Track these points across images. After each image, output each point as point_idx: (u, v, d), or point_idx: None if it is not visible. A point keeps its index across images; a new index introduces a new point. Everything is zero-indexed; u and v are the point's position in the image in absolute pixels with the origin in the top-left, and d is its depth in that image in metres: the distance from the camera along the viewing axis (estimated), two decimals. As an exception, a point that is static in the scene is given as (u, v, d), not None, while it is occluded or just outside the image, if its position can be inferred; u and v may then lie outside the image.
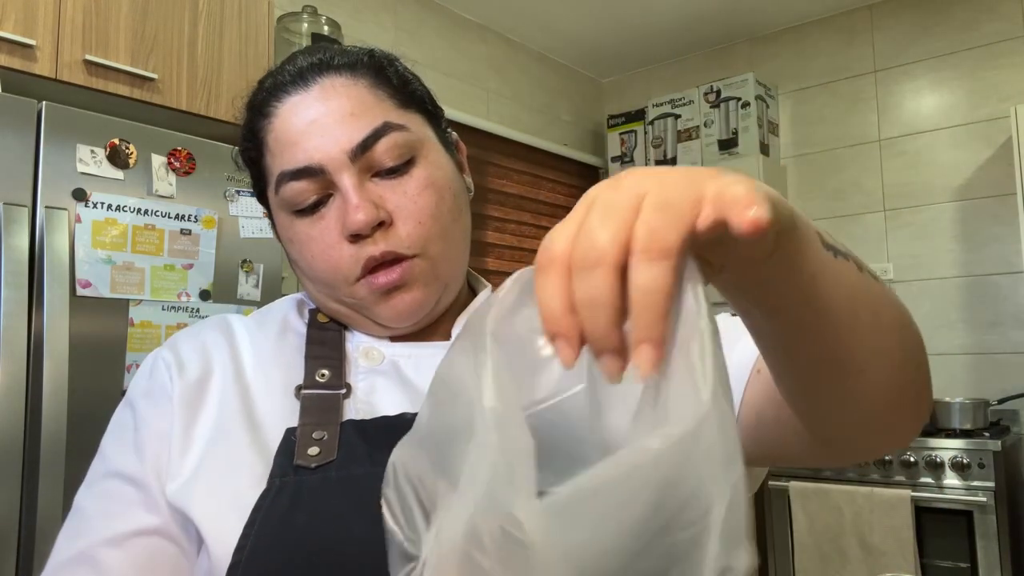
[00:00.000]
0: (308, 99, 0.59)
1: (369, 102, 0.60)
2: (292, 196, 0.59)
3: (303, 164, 0.58)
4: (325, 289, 0.62)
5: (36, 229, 1.44)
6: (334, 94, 0.59)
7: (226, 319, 0.66)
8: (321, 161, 0.58)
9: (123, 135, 1.59)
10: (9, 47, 1.55)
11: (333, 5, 2.78)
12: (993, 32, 3.10)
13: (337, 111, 0.59)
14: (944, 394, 3.00)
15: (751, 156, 3.39)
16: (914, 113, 3.28)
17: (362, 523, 0.50)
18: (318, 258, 0.60)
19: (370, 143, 0.58)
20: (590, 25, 3.60)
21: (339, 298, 0.61)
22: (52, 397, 1.40)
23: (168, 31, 1.82)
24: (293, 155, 0.59)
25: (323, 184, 0.59)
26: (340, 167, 0.58)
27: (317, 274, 0.61)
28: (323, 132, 0.58)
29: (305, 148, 0.58)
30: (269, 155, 0.61)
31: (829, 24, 3.52)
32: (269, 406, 0.58)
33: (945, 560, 2.55)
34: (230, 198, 1.77)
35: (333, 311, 0.64)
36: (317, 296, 0.64)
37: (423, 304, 0.60)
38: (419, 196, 0.59)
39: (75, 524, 0.55)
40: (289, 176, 0.59)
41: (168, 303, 1.62)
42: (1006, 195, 3.00)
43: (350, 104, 0.59)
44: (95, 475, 0.57)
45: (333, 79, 0.60)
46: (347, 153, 0.58)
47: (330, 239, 0.59)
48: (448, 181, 0.63)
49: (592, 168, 4.16)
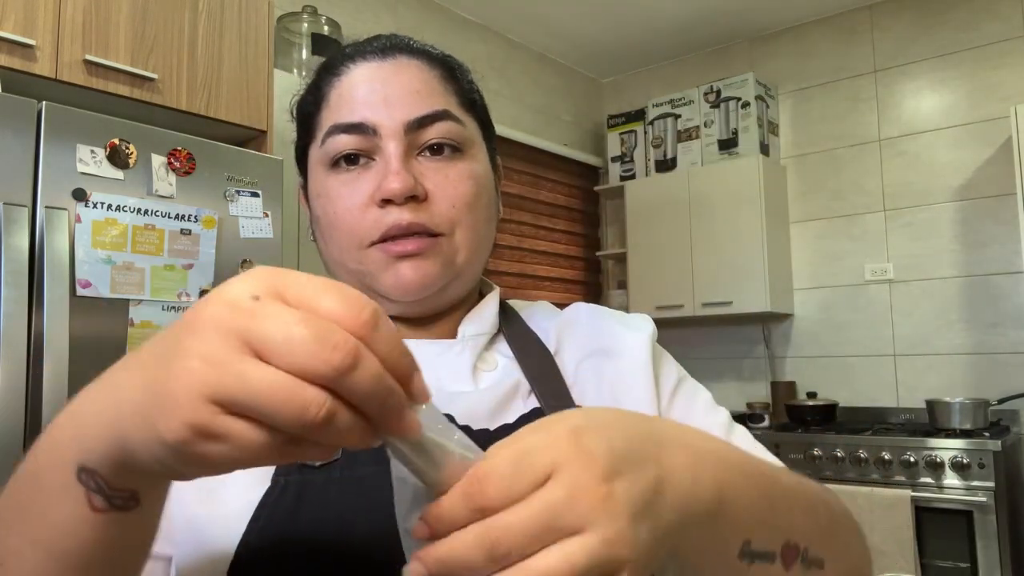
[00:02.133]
0: (381, 68, 0.61)
1: (436, 89, 0.62)
2: (336, 148, 0.60)
3: (358, 120, 0.59)
4: (337, 252, 0.62)
5: (36, 229, 1.44)
6: (406, 71, 0.61)
7: None
8: (376, 123, 0.59)
9: (123, 135, 1.59)
10: (9, 47, 1.55)
11: (333, 5, 2.78)
12: (993, 32, 3.10)
13: (405, 85, 0.60)
14: (944, 394, 3.00)
15: (751, 156, 3.39)
16: (914, 113, 3.28)
17: (367, 521, 0.50)
18: (340, 215, 0.60)
19: (426, 122, 0.59)
20: (590, 25, 3.60)
21: (347, 264, 0.61)
22: (52, 397, 1.40)
23: (168, 31, 1.82)
24: (351, 110, 0.60)
25: (370, 146, 0.59)
26: (392, 134, 0.59)
27: (335, 232, 0.61)
28: (386, 99, 0.59)
29: (364, 107, 0.59)
30: (327, 109, 0.62)
31: (829, 24, 3.52)
32: None
33: (945, 560, 2.55)
34: (230, 198, 1.77)
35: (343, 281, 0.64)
36: (328, 263, 0.65)
37: (430, 278, 0.59)
38: (459, 183, 0.60)
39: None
40: (340, 128, 0.60)
41: (168, 303, 1.62)
42: (1006, 195, 3.00)
43: (418, 84, 0.61)
44: None
45: (409, 59, 0.62)
46: (403, 124, 0.59)
47: (359, 199, 0.59)
48: (487, 185, 0.64)
49: (592, 168, 4.16)
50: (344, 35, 2.61)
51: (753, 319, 3.59)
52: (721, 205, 3.42)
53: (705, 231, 3.46)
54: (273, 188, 1.85)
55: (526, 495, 0.33)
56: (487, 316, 0.65)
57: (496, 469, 0.33)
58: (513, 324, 0.67)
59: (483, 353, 0.63)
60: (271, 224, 1.84)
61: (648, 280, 3.63)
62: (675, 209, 3.56)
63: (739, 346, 3.68)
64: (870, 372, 3.31)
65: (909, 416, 3.14)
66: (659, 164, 3.72)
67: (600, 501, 0.33)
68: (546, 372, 0.62)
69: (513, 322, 0.67)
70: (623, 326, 0.66)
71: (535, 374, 0.61)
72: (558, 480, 0.33)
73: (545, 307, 0.72)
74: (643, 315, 0.70)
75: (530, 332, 0.66)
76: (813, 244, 3.49)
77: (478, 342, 0.63)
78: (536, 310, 0.71)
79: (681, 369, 0.68)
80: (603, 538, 0.32)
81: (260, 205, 1.82)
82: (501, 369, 0.62)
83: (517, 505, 0.33)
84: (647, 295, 3.59)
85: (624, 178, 3.87)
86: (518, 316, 0.68)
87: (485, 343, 0.64)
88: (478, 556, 0.32)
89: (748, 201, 3.34)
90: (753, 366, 3.64)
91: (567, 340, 0.66)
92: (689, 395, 0.65)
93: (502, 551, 0.32)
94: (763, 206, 3.31)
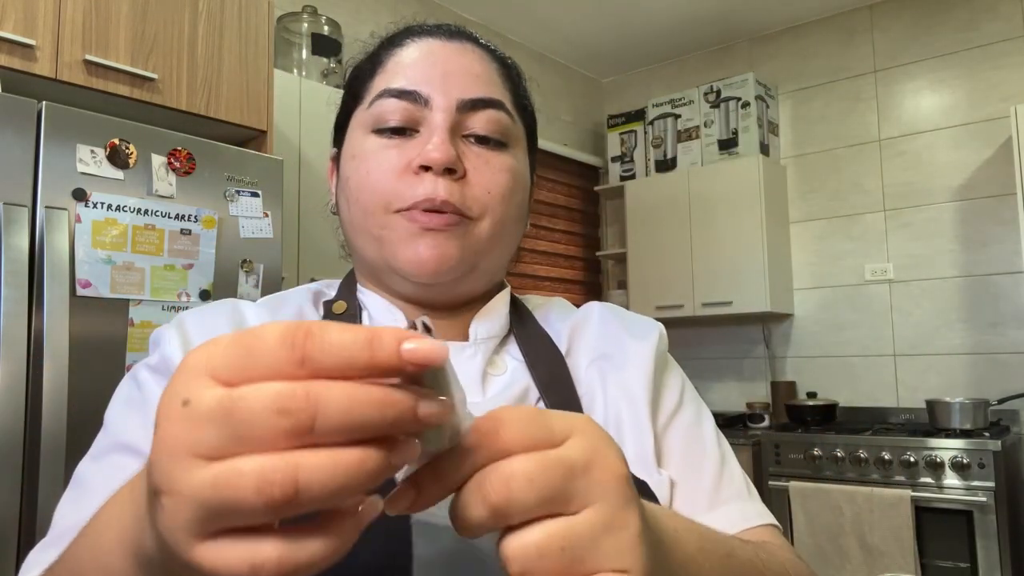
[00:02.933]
0: (445, 47, 0.61)
1: (495, 80, 0.62)
2: (383, 112, 0.59)
3: (412, 88, 0.58)
4: (360, 216, 0.59)
5: (36, 229, 1.44)
6: (469, 55, 0.61)
7: (237, 305, 0.63)
8: (430, 94, 0.58)
9: (123, 135, 1.59)
10: (9, 47, 1.55)
11: (333, 5, 2.78)
12: (993, 32, 3.10)
13: (466, 67, 0.60)
14: (944, 394, 3.00)
15: (751, 156, 3.39)
16: (914, 113, 3.28)
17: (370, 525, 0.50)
18: (373, 174, 0.58)
19: (479, 106, 0.59)
20: (590, 25, 3.60)
21: (370, 229, 0.59)
22: (52, 397, 1.40)
23: (168, 31, 1.82)
24: (407, 77, 0.59)
25: (417, 116, 0.58)
26: (442, 108, 0.58)
27: (363, 194, 0.59)
28: (444, 74, 0.59)
29: (421, 77, 0.59)
30: (382, 74, 0.61)
31: (829, 24, 3.52)
32: None
33: (945, 560, 2.55)
34: (230, 198, 1.77)
35: (358, 255, 0.63)
36: (349, 230, 0.63)
37: (448, 260, 0.57)
38: (499, 172, 0.60)
39: (77, 495, 0.54)
40: (392, 93, 0.59)
41: (168, 303, 1.62)
42: (1006, 195, 3.00)
43: (479, 69, 0.61)
44: (99, 448, 0.56)
45: (474, 47, 0.62)
46: (456, 101, 0.58)
47: (395, 163, 0.58)
48: (524, 184, 0.63)
49: (592, 168, 4.16)
50: (344, 35, 2.61)
51: (753, 319, 3.59)
52: (721, 205, 3.42)
53: (705, 231, 3.46)
54: (273, 188, 1.85)
55: (542, 448, 0.31)
56: (498, 316, 0.64)
57: (515, 415, 0.31)
58: (525, 324, 0.65)
59: (493, 356, 0.62)
60: (271, 224, 1.84)
61: (648, 280, 3.63)
62: (675, 209, 3.56)
63: (739, 346, 3.68)
64: (870, 372, 3.31)
65: (909, 416, 3.14)
66: (659, 164, 3.72)
67: (617, 481, 0.31)
68: (556, 377, 0.60)
69: (526, 322, 0.65)
70: (629, 335, 0.65)
71: (545, 380, 0.60)
72: (578, 440, 0.31)
73: (561, 305, 0.70)
74: (651, 321, 0.68)
75: (542, 334, 0.64)
76: (813, 244, 3.49)
77: (489, 345, 0.62)
78: (551, 308, 0.69)
79: (686, 386, 0.66)
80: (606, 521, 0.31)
81: (260, 205, 1.82)
82: (510, 373, 0.61)
83: (533, 453, 0.30)
84: (647, 295, 3.59)
85: (624, 178, 3.86)
86: (531, 316, 0.67)
87: (495, 346, 0.62)
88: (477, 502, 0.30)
89: (748, 201, 3.34)
90: (753, 366, 3.64)
91: (578, 341, 0.65)
92: (687, 424, 0.63)
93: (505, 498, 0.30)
94: (763, 206, 3.31)
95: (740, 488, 0.61)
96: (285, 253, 1.95)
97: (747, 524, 0.58)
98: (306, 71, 2.48)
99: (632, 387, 0.61)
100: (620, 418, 0.59)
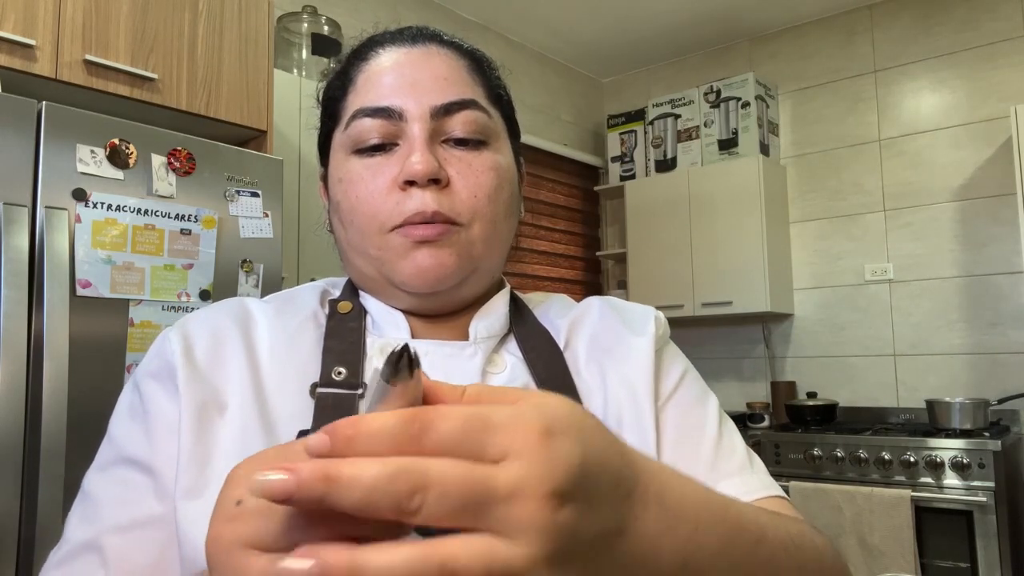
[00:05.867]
0: (410, 55, 0.61)
1: (464, 79, 0.62)
2: (360, 132, 0.59)
3: (384, 104, 0.59)
4: (358, 238, 0.60)
5: (36, 229, 1.44)
6: (435, 58, 0.61)
7: (244, 304, 0.63)
8: (402, 107, 0.59)
9: (123, 135, 1.59)
10: (9, 47, 1.55)
11: (333, 5, 2.78)
12: (993, 32, 3.10)
13: (433, 72, 0.60)
14: (944, 394, 3.00)
15: (751, 156, 3.39)
16: (914, 113, 3.28)
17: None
18: (363, 199, 0.59)
19: (453, 110, 0.59)
20: (590, 25, 3.60)
21: (368, 250, 0.60)
22: (52, 397, 1.40)
23: (168, 31, 1.82)
24: (378, 94, 0.60)
25: (394, 131, 0.59)
26: (417, 119, 0.58)
27: (356, 217, 0.60)
28: (413, 84, 0.59)
29: (391, 92, 0.59)
30: (353, 93, 0.62)
31: (829, 24, 3.52)
32: (283, 406, 0.57)
33: (945, 560, 2.55)
34: (230, 198, 1.77)
35: (358, 273, 0.63)
36: (347, 251, 0.63)
37: (448, 269, 0.58)
38: (482, 173, 0.60)
39: (85, 509, 0.55)
40: (366, 112, 0.59)
41: (168, 303, 1.62)
42: (1006, 195, 3.00)
43: (447, 71, 0.61)
44: (105, 460, 0.56)
45: (438, 48, 0.62)
46: (429, 109, 0.59)
47: (381, 183, 0.58)
48: (510, 179, 0.63)
49: (592, 168, 4.16)
50: (344, 35, 2.61)
51: (753, 319, 3.59)
52: (721, 205, 3.42)
53: (705, 231, 3.46)
54: (273, 188, 1.85)
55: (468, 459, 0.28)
56: (498, 315, 0.64)
57: (451, 416, 0.28)
58: (525, 322, 0.65)
59: (492, 355, 0.62)
60: (271, 224, 1.84)
61: (648, 280, 3.63)
62: (675, 209, 3.56)
63: (739, 346, 3.68)
64: (870, 372, 3.31)
65: (909, 416, 3.14)
66: (659, 164, 3.72)
67: (539, 513, 0.27)
68: (555, 374, 0.60)
69: (525, 320, 0.66)
70: (628, 329, 0.65)
71: (543, 376, 0.60)
72: (506, 469, 0.28)
73: (561, 301, 0.71)
74: (648, 309, 0.68)
75: (542, 331, 0.65)
76: (813, 244, 3.49)
77: (489, 344, 0.62)
78: (551, 305, 0.70)
79: (688, 369, 0.66)
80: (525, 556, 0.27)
81: (260, 205, 1.82)
82: (510, 370, 0.61)
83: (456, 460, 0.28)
84: (647, 295, 3.59)
85: (624, 178, 3.86)
86: (531, 313, 0.67)
87: (495, 344, 0.63)
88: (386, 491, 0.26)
89: (748, 201, 3.34)
90: (753, 366, 3.64)
91: (577, 336, 0.65)
92: (687, 403, 0.64)
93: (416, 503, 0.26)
94: (763, 206, 3.31)
95: (742, 461, 0.61)
96: (285, 253, 1.96)
97: (750, 497, 0.57)
98: (306, 71, 2.48)
99: (634, 380, 0.61)
100: (621, 413, 0.60)
